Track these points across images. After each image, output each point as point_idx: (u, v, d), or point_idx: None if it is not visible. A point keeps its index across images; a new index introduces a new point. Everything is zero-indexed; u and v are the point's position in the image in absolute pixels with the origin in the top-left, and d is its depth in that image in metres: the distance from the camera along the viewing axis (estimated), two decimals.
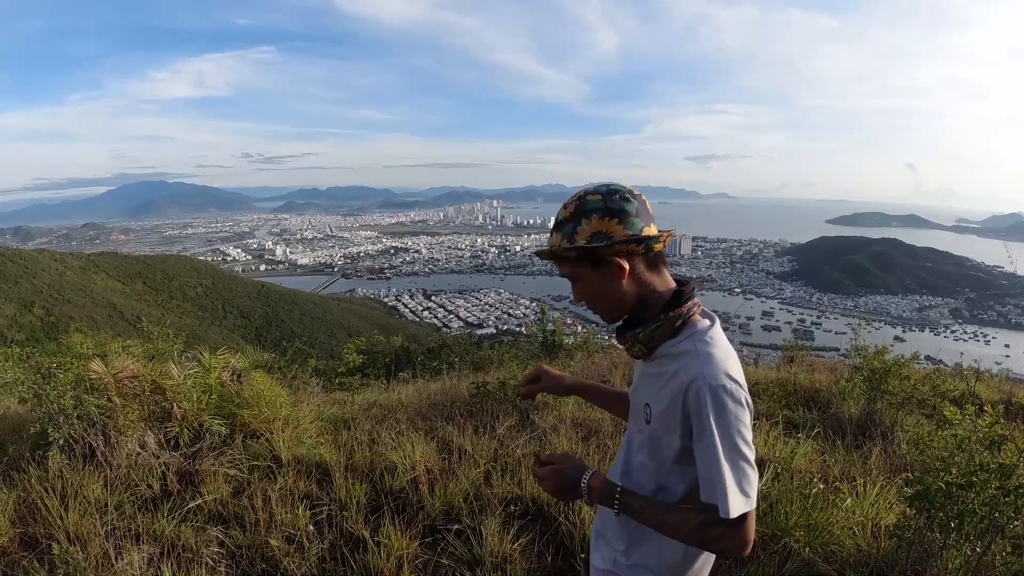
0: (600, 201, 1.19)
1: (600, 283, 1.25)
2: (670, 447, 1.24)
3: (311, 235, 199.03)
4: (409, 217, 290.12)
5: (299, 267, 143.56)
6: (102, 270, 68.17)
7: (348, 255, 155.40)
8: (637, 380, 1.40)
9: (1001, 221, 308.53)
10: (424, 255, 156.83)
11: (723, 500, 1.12)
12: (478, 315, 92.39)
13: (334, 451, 3.90)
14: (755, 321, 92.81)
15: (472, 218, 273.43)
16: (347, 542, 2.95)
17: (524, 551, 2.87)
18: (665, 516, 1.22)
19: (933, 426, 4.22)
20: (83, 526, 2.87)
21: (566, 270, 1.28)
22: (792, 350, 8.13)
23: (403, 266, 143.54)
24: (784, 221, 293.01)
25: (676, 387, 1.19)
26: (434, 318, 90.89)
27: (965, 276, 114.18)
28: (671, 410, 1.21)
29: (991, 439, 2.40)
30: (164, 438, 3.65)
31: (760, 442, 3.91)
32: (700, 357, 1.18)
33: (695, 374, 1.16)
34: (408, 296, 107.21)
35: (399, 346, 10.46)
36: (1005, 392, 6.21)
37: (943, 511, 2.34)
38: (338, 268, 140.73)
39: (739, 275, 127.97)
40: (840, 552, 2.72)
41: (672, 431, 1.22)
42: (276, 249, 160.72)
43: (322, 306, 76.91)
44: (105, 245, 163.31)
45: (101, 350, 4.02)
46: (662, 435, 1.25)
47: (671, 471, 1.27)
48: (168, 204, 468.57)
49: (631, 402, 1.43)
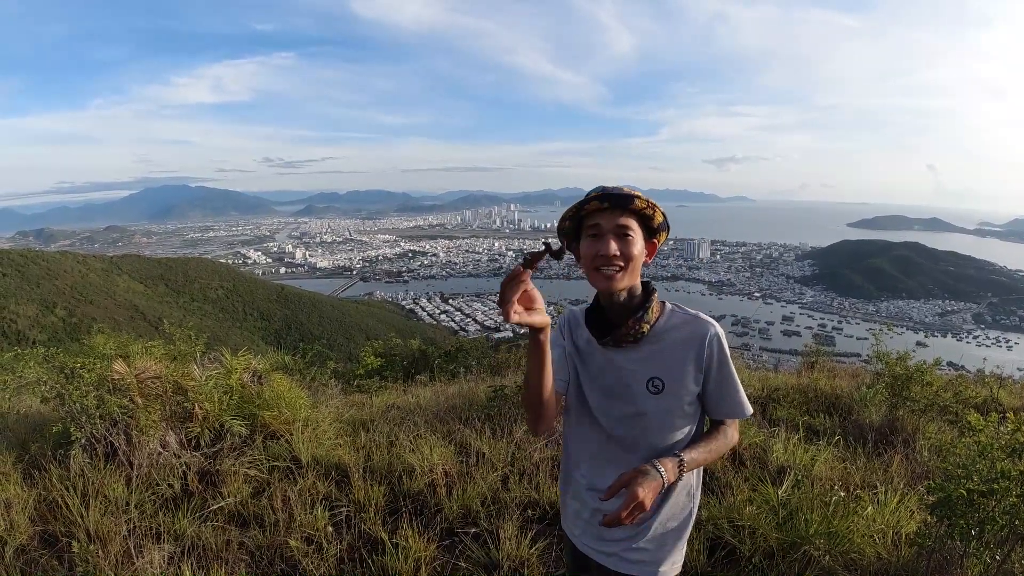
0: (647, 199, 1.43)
1: (640, 249, 1.44)
2: (688, 398, 1.49)
3: (330, 238, 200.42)
4: (427, 221, 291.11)
5: (318, 270, 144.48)
6: (124, 272, 69.14)
7: (366, 258, 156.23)
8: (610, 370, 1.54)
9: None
10: (442, 258, 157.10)
11: (743, 405, 1.51)
12: (495, 318, 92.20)
13: (352, 453, 3.92)
14: (775, 326, 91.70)
15: (489, 222, 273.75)
16: (365, 543, 2.97)
17: (542, 556, 2.88)
18: (712, 444, 1.50)
19: (955, 433, 4.15)
20: (103, 524, 2.91)
21: (627, 221, 1.42)
22: (813, 355, 8.02)
23: (421, 269, 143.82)
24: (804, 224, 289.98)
25: (696, 347, 1.47)
26: (451, 321, 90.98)
27: (988, 280, 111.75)
28: (696, 367, 1.48)
29: (1013, 446, 2.37)
30: (185, 438, 3.70)
31: (780, 449, 3.88)
32: (699, 320, 1.51)
33: (710, 331, 1.48)
34: (425, 299, 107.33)
35: (416, 349, 10.49)
36: None
37: (964, 519, 2.31)
38: (356, 271, 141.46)
39: (759, 279, 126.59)
40: (860, 560, 2.68)
41: (691, 382, 1.48)
42: (296, 252, 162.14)
43: (340, 309, 77.42)
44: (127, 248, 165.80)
45: (123, 351, 4.08)
46: (679, 393, 1.49)
47: (685, 414, 1.51)
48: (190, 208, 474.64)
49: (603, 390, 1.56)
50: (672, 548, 1.56)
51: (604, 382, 1.55)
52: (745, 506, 3.05)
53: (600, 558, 1.59)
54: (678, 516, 1.57)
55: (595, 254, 1.41)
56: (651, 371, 1.49)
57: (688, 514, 1.59)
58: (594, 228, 1.43)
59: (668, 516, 1.55)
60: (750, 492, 3.24)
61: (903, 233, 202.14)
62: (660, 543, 1.54)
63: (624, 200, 1.40)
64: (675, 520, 1.56)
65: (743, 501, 3.12)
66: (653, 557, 1.54)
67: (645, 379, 1.49)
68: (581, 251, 1.46)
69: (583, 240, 1.46)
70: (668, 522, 1.55)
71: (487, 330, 78.95)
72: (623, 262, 1.41)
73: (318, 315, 71.21)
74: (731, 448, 1.57)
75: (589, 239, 1.44)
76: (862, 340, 58.14)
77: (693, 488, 1.60)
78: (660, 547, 1.54)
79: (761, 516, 2.94)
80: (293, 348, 9.20)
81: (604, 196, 1.40)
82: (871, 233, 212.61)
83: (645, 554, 1.54)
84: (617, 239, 1.41)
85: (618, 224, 1.41)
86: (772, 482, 3.25)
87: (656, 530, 1.53)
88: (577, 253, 1.48)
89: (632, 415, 1.51)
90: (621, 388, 1.52)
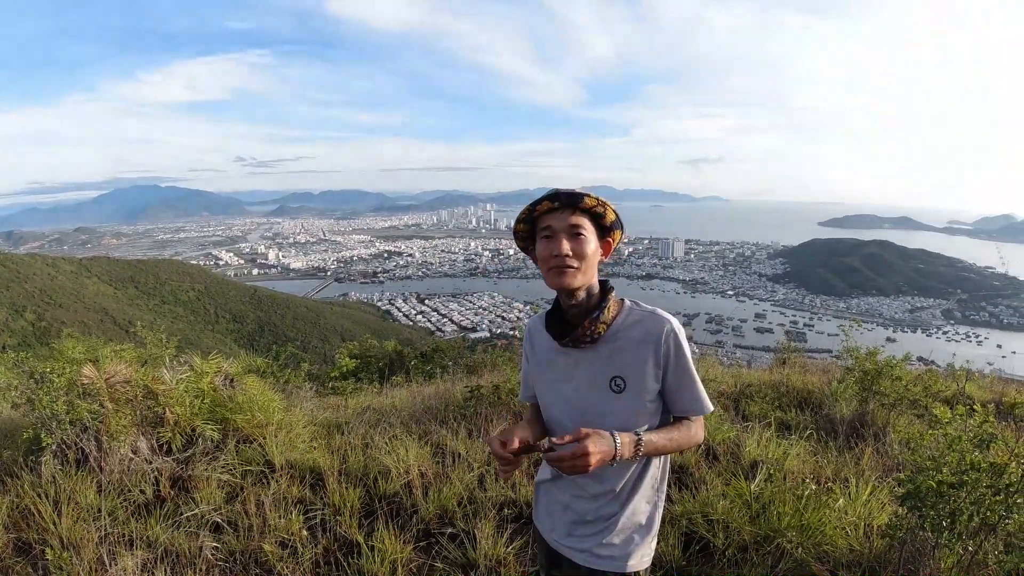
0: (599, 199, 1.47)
1: (595, 247, 1.48)
2: (648, 396, 1.49)
3: (304, 239, 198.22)
4: (402, 221, 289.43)
5: (292, 271, 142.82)
6: (94, 275, 67.87)
7: (341, 259, 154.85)
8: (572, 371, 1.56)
9: (992, 223, 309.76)
10: (417, 259, 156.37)
11: (702, 401, 1.51)
12: (472, 319, 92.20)
13: (327, 456, 3.89)
14: (748, 323, 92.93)
15: (465, 222, 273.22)
16: (341, 546, 2.95)
17: (518, 554, 2.88)
18: (672, 433, 1.49)
19: (925, 426, 4.25)
20: (76, 532, 2.86)
21: (579, 220, 1.45)
22: (785, 352, 8.15)
23: (396, 270, 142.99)
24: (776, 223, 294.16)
25: (652, 344, 1.47)
26: (427, 322, 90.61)
27: (957, 277, 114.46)
28: (654, 364, 1.48)
29: (982, 438, 2.41)
30: (157, 443, 3.64)
31: (753, 444, 3.93)
32: (655, 317, 1.50)
33: (666, 327, 1.47)
34: (401, 300, 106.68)
35: (392, 350, 10.44)
36: (997, 392, 6.24)
37: (935, 510, 2.34)
38: (331, 272, 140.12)
39: (732, 277, 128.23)
40: (833, 552, 2.72)
41: (650, 382, 1.48)
42: (269, 253, 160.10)
43: (315, 310, 76.70)
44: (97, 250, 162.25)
45: (93, 355, 4.00)
46: (640, 392, 1.49)
47: (648, 412, 1.51)
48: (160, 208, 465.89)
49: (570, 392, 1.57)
50: (641, 542, 1.56)
51: (568, 383, 1.57)
52: (719, 500, 3.09)
53: (571, 554, 1.60)
54: (645, 511, 1.57)
55: (550, 254, 1.44)
56: (612, 371, 1.50)
57: (654, 508, 1.59)
58: (547, 229, 1.46)
59: (634, 510, 1.56)
60: (724, 487, 3.28)
61: (873, 232, 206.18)
62: (628, 538, 1.55)
63: (574, 198, 1.43)
64: (642, 515, 1.57)
65: (717, 496, 3.16)
66: (622, 552, 1.55)
67: (607, 379, 1.50)
68: (537, 253, 1.49)
69: (538, 242, 1.49)
70: (635, 516, 1.56)
71: (464, 330, 78.86)
72: (577, 261, 1.44)
73: (292, 317, 70.48)
74: (695, 443, 1.56)
75: (543, 240, 1.47)
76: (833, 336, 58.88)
77: (658, 482, 1.60)
78: (628, 542, 1.55)
79: (735, 510, 2.97)
80: (266, 351, 9.10)
81: (554, 196, 1.44)
82: (842, 232, 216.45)
83: (614, 549, 1.55)
84: (570, 238, 1.44)
85: (570, 224, 1.44)
86: (745, 476, 3.30)
87: (624, 524, 1.54)
88: (534, 256, 1.52)
89: (596, 415, 1.52)
90: (585, 389, 1.54)
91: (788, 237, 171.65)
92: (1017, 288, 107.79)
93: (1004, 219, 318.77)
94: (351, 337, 18.86)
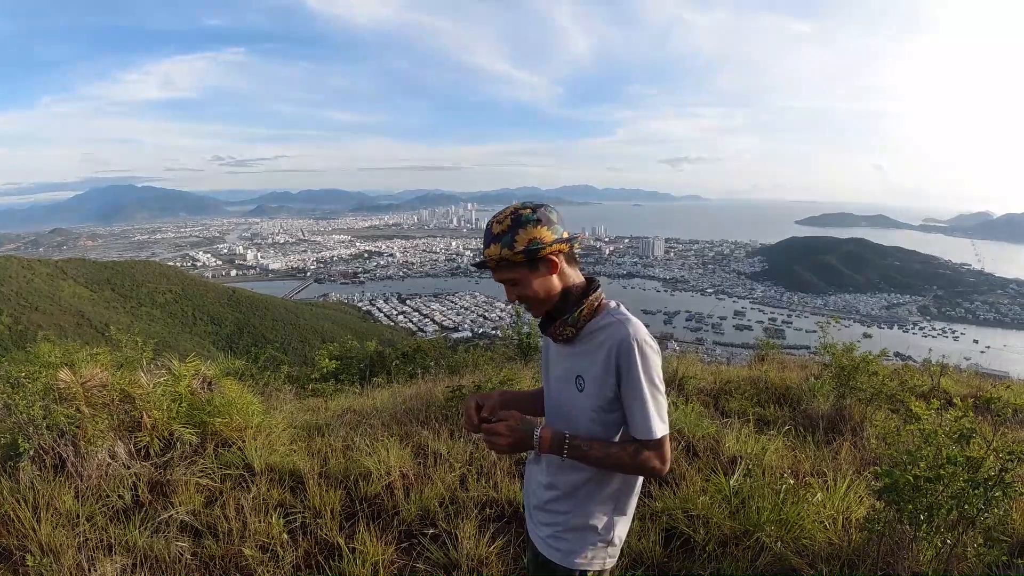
0: (531, 213, 1.48)
1: (536, 281, 1.53)
2: (603, 403, 1.52)
3: (283, 239, 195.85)
4: (383, 220, 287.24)
5: (271, 272, 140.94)
6: (70, 277, 66.67)
7: (321, 259, 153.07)
8: (558, 362, 1.65)
9: (968, 220, 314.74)
10: (398, 259, 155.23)
11: (648, 424, 1.45)
12: (453, 318, 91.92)
13: (307, 458, 3.86)
14: (727, 321, 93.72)
15: (447, 221, 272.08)
16: (322, 550, 2.93)
17: (500, 553, 2.88)
18: (608, 450, 1.49)
19: (901, 421, 4.32)
20: (56, 537, 2.83)
21: (505, 275, 1.54)
22: (763, 349, 8.25)
23: (377, 270, 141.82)
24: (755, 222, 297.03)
25: (608, 350, 1.49)
26: (409, 322, 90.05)
27: (933, 274, 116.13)
28: (606, 371, 1.50)
29: (960, 433, 2.44)
30: (134, 448, 3.60)
31: (732, 439, 3.97)
32: (622, 324, 1.50)
33: (623, 335, 1.47)
34: (382, 300, 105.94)
35: (373, 351, 10.39)
36: (974, 387, 6.35)
37: (912, 504, 2.37)
38: (311, 273, 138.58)
39: (711, 276, 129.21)
40: (812, 546, 2.76)
41: (606, 386, 1.50)
42: (247, 254, 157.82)
43: (295, 311, 75.94)
44: (73, 251, 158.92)
45: (69, 359, 3.95)
46: (596, 395, 1.53)
47: (605, 420, 1.54)
48: (137, 208, 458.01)
49: (553, 381, 1.68)
50: (594, 547, 1.61)
51: (555, 374, 1.67)
52: (699, 496, 3.12)
53: (536, 541, 1.69)
54: (601, 520, 1.60)
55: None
56: (578, 369, 1.57)
57: (612, 520, 1.61)
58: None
59: (589, 515, 1.59)
60: (703, 482, 3.31)
61: (850, 230, 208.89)
62: (581, 538, 1.61)
63: (486, 264, 1.54)
64: (598, 522, 1.59)
65: (697, 491, 3.19)
66: (571, 548, 1.61)
67: (574, 376, 1.58)
68: None
69: None
70: (589, 520, 1.59)
71: (445, 330, 78.60)
72: (527, 302, 1.57)
73: (271, 318, 69.70)
74: (642, 471, 1.52)
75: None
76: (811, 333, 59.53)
77: (623, 496, 1.62)
78: (581, 542, 1.60)
79: (714, 505, 3.01)
80: (245, 353, 9.00)
81: (480, 264, 1.56)
82: (819, 230, 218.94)
83: (563, 544, 1.61)
84: (509, 289, 1.56)
85: (501, 280, 1.56)
86: (724, 472, 3.33)
87: (576, 525, 1.60)
88: None
89: (560, 407, 1.64)
90: (562, 381, 1.63)
91: (766, 235, 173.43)
92: (993, 284, 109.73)
93: (979, 216, 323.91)
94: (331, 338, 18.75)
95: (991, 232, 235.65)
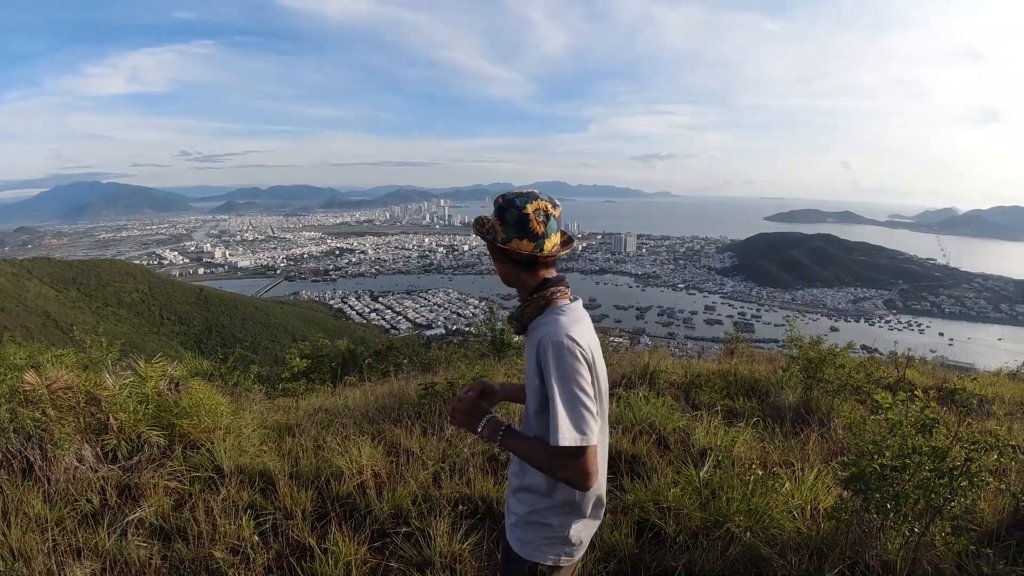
0: (499, 204, 1.60)
1: (507, 268, 1.67)
2: (535, 400, 1.57)
3: (252, 236, 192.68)
4: (354, 217, 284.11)
5: (240, 270, 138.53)
6: (35, 276, 64.93)
7: (291, 257, 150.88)
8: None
9: (934, 216, 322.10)
10: (370, 256, 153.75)
11: (555, 432, 1.42)
12: (427, 315, 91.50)
13: (278, 459, 3.82)
14: (698, 315, 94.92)
15: (419, 217, 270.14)
16: (294, 551, 2.91)
17: (474, 550, 2.89)
18: (529, 448, 1.55)
19: (867, 412, 4.42)
20: (26, 542, 2.79)
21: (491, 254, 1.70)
22: (733, 342, 8.36)
23: (349, 267, 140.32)
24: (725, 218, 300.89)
25: (533, 349, 1.55)
26: (382, 320, 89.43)
27: (899, 268, 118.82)
28: (533, 370, 1.56)
29: (923, 422, 2.49)
30: (102, 451, 3.54)
31: (702, 432, 4.02)
32: (550, 323, 1.55)
33: (543, 335, 1.52)
34: (354, 298, 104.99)
35: (345, 349, 10.30)
36: (939, 378, 6.51)
37: (879, 493, 2.42)
38: (281, 270, 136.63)
39: (682, 271, 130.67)
40: (781, 535, 2.80)
41: (535, 385, 1.56)
42: (215, 251, 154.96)
43: (264, 310, 74.91)
44: (38, 250, 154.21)
45: (35, 360, 3.86)
46: (531, 391, 1.59)
47: (544, 419, 1.52)
48: (102, 205, 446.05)
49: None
50: (549, 545, 1.65)
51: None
52: (670, 488, 3.16)
53: (506, 526, 1.77)
54: (555, 521, 1.63)
55: None
56: (526, 365, 1.65)
57: (566, 523, 1.63)
58: None
59: (541, 516, 1.63)
60: (674, 475, 3.35)
61: (817, 226, 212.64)
62: (536, 530, 1.66)
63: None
64: (552, 516, 1.63)
65: (668, 484, 3.23)
66: (528, 538, 1.66)
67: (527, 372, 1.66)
68: None
69: None
70: (543, 519, 1.63)
71: (419, 328, 78.22)
72: (503, 279, 1.72)
73: (240, 317, 68.68)
74: (546, 470, 1.51)
75: None
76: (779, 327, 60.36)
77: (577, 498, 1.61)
78: (535, 534, 1.66)
79: (685, 497, 3.05)
80: (214, 353, 8.84)
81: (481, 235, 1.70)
82: (787, 226, 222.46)
83: (522, 533, 1.67)
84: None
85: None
86: (695, 464, 3.38)
87: (530, 521, 1.65)
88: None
89: (526, 402, 1.69)
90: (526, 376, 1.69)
91: (736, 231, 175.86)
92: (958, 279, 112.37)
93: (945, 212, 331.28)
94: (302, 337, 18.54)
95: (956, 228, 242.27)
